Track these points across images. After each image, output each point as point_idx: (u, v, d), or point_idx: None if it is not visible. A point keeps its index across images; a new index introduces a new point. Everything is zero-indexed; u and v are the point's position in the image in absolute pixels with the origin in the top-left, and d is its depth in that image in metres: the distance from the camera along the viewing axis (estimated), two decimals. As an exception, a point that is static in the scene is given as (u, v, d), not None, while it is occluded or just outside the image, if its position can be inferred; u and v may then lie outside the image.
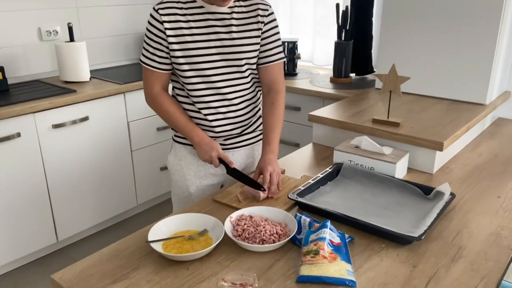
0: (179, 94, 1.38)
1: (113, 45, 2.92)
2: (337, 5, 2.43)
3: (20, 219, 2.15)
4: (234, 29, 1.28)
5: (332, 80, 2.53)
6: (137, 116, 2.55)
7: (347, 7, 2.45)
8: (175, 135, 1.46)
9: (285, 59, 1.41)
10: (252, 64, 1.34)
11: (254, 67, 1.36)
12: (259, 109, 1.49)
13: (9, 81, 2.43)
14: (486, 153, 1.63)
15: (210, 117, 1.35)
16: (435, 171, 1.47)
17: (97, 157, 2.41)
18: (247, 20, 1.31)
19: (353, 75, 2.62)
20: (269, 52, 1.36)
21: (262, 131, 1.50)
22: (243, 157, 1.47)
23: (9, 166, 2.06)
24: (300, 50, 2.87)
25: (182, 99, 1.38)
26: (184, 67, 1.28)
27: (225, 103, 1.35)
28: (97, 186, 2.45)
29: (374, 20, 2.55)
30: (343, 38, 2.47)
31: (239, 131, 1.42)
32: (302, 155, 1.62)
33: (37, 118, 2.11)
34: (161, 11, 1.24)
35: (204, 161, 1.32)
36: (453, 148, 1.58)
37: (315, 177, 1.34)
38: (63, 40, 2.59)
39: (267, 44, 1.35)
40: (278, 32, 1.37)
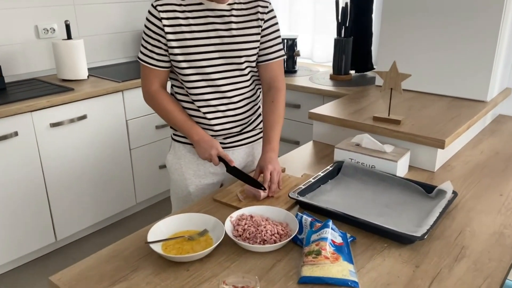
0: (177, 92, 1.37)
1: (111, 42, 2.89)
2: (337, 1, 2.41)
3: (18, 219, 2.14)
4: (234, 26, 1.27)
5: (332, 77, 2.51)
6: (136, 114, 2.53)
7: (346, 4, 2.43)
8: (174, 134, 1.45)
9: (285, 56, 1.39)
10: (251, 61, 1.32)
11: (253, 64, 1.34)
12: (259, 107, 1.47)
13: (6, 80, 2.41)
14: (487, 150, 1.62)
15: (209, 115, 1.34)
16: (436, 169, 1.46)
17: (96, 156, 2.39)
18: (247, 17, 1.29)
19: (353, 72, 2.60)
20: (269, 50, 1.34)
21: (262, 129, 1.49)
22: (243, 155, 1.46)
23: (6, 166, 2.04)
24: (299, 47, 2.85)
25: (181, 97, 1.36)
26: (183, 64, 1.27)
27: (224, 101, 1.33)
28: (95, 185, 2.43)
29: (374, 16, 2.53)
30: (342, 35, 2.46)
31: (238, 129, 1.40)
32: (302, 153, 1.61)
33: (34, 116, 2.10)
34: (159, 8, 1.23)
35: (204, 159, 1.31)
36: (455, 145, 1.57)
37: (315, 175, 1.33)
38: (60, 38, 2.57)
39: (267, 41, 1.33)
40: (278, 29, 1.35)
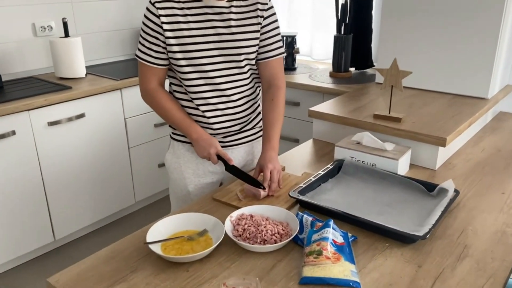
0: (176, 90, 1.35)
1: (109, 40, 2.87)
2: (336, -2, 2.40)
3: (16, 219, 2.12)
4: (233, 23, 1.25)
5: (331, 75, 2.50)
6: (134, 112, 2.51)
7: (346, 0, 2.41)
8: (173, 133, 1.43)
9: (285, 53, 1.37)
10: (251, 59, 1.31)
11: (253, 62, 1.33)
12: (259, 105, 1.46)
13: (3, 78, 2.39)
14: (488, 148, 1.61)
15: (209, 114, 1.32)
16: (437, 167, 1.45)
17: (94, 154, 2.38)
18: (246, 15, 1.27)
19: (352, 69, 2.59)
20: (269, 47, 1.32)
21: (261, 127, 1.47)
22: (243, 154, 1.45)
23: (4, 165, 2.02)
24: (298, 44, 2.84)
25: (179, 95, 1.35)
26: (182, 62, 1.25)
27: (223, 99, 1.31)
28: (94, 184, 2.42)
29: (374, 13, 2.52)
30: (342, 32, 2.44)
31: (238, 128, 1.39)
32: (302, 152, 1.60)
33: (32, 115, 2.08)
34: (157, 5, 1.21)
35: (202, 157, 1.29)
36: (456, 143, 1.56)
37: (316, 174, 1.31)
38: (58, 36, 2.55)
39: (266, 39, 1.31)
40: (278, 26, 1.33)
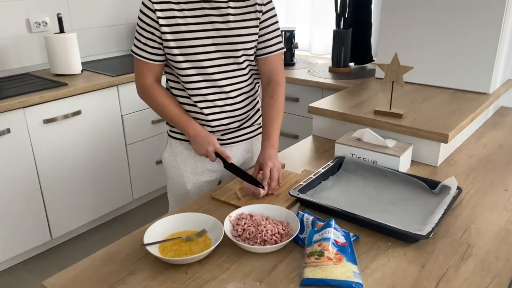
0: (173, 86, 1.32)
1: (105, 35, 2.83)
2: (335, -8, 2.36)
3: (12, 218, 2.10)
4: (231, 18, 1.22)
5: (331, 70, 2.47)
6: (131, 109, 2.48)
7: (345, -6, 2.38)
8: (171, 130, 1.41)
9: (284, 49, 1.34)
10: (250, 55, 1.28)
11: (251, 58, 1.30)
12: (258, 102, 1.43)
13: (-3, 75, 2.36)
14: (490, 143, 1.59)
15: (207, 111, 1.29)
16: (439, 163, 1.42)
17: (91, 152, 2.35)
18: (245, 9, 1.24)
19: (352, 64, 2.56)
20: (268, 43, 1.29)
21: (260, 125, 1.45)
22: (242, 152, 1.42)
23: (-1, 163, 2.00)
24: (297, 39, 2.80)
25: (177, 92, 1.32)
26: (179, 58, 1.22)
27: (222, 96, 1.29)
28: (91, 182, 2.39)
29: (373, 7, 2.49)
30: (341, 27, 2.41)
31: (236, 125, 1.36)
32: (302, 148, 1.57)
33: (27, 113, 2.05)
34: None
35: (200, 155, 1.27)
36: (457, 139, 1.54)
37: (316, 171, 1.29)
38: (52, 32, 2.51)
39: (266, 34, 1.28)
40: (277, 21, 1.30)
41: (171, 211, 1.24)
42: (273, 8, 1.30)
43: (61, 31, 2.36)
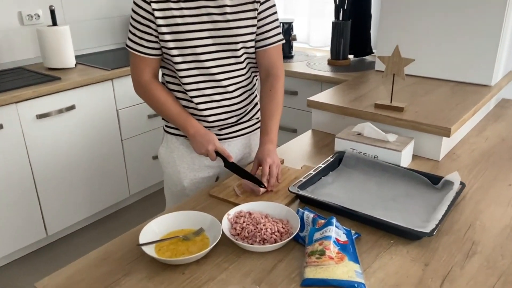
0: (169, 81, 1.29)
1: (99, 28, 2.78)
2: (334, -18, 2.31)
3: (6, 215, 2.06)
4: (228, 10, 1.18)
5: (330, 63, 2.43)
6: (127, 103, 2.44)
7: (344, -15, 2.33)
8: (166, 125, 1.37)
9: (283, 40, 1.30)
10: (248, 47, 1.24)
11: (251, 51, 1.26)
12: (256, 96, 1.40)
13: (-11, 69, 2.31)
14: (492, 137, 1.56)
15: (203, 106, 1.26)
16: (441, 157, 1.40)
17: (86, 147, 2.31)
18: (242, 0, 1.20)
19: (351, 56, 2.52)
20: (266, 34, 1.25)
21: (259, 119, 1.41)
22: (239, 147, 1.39)
23: (-8, 159, 1.96)
24: (295, 31, 2.76)
25: (172, 87, 1.28)
26: (174, 51, 1.18)
27: (219, 90, 1.25)
28: (87, 178, 2.35)
29: (373, -2, 2.44)
30: (340, 18, 2.36)
31: (234, 120, 1.33)
32: (301, 143, 1.54)
33: (20, 108, 2.00)
34: (147, -9, 1.13)
35: (200, 154, 1.24)
36: (459, 132, 1.51)
37: (316, 167, 1.26)
38: (45, 24, 2.45)
39: (264, 25, 1.24)
40: (276, 12, 1.26)
41: (167, 209, 1.21)
42: (271, -1, 1.26)
43: (54, 23, 2.31)
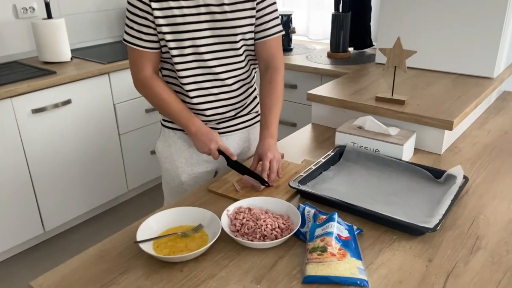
0: (165, 74, 1.26)
1: (94, 21, 2.73)
2: (334, -27, 2.28)
3: (3, 211, 2.04)
4: (226, 1, 1.15)
5: (329, 55, 2.40)
6: (124, 97, 2.40)
7: (344, -24, 2.30)
8: (164, 119, 1.34)
9: (283, 32, 1.27)
10: (247, 39, 1.21)
11: (249, 43, 1.23)
12: (254, 89, 1.37)
13: (-17, 63, 2.27)
14: (495, 130, 1.54)
15: (201, 99, 1.23)
16: (443, 151, 1.38)
17: (83, 142, 2.28)
18: (240, -9, 1.17)
19: (351, 49, 2.49)
20: (265, 25, 1.22)
21: (258, 113, 1.39)
22: (238, 141, 1.36)
23: (-12, 155, 1.93)
24: (294, 23, 2.72)
25: (169, 80, 1.25)
26: (172, 44, 1.15)
27: (217, 83, 1.22)
28: (84, 173, 2.33)
29: (373, -11, 2.40)
30: (340, 10, 2.33)
31: (232, 114, 1.30)
32: (301, 137, 1.52)
33: (15, 102, 1.97)
34: (143, -18, 1.10)
35: (202, 153, 1.21)
36: (461, 125, 1.49)
37: (316, 161, 1.24)
38: (40, 17, 2.41)
39: (263, 16, 1.21)
40: (275, 2, 1.23)
41: (166, 205, 1.19)
42: (269, -11, 1.22)
43: (49, 16, 2.27)
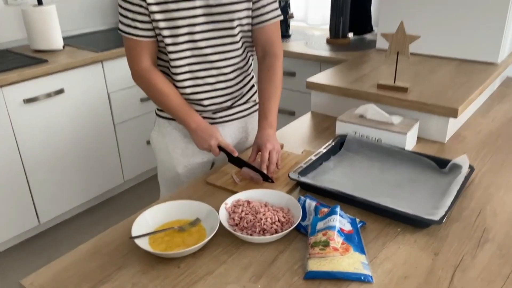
0: (159, 64, 1.21)
1: (87, 8, 2.66)
2: (333, -44, 2.21)
3: (-2, 203, 2.00)
4: (221, -16, 1.09)
5: (328, 42, 2.34)
6: (118, 86, 2.35)
7: (343, -41, 2.23)
8: (158, 109, 1.30)
9: (281, 17, 1.22)
10: (244, 25, 1.16)
11: (246, 28, 1.17)
12: (252, 77, 1.32)
13: (-27, 52, 2.20)
14: (499, 117, 1.50)
15: (197, 89, 1.18)
16: (447, 140, 1.34)
17: (77, 132, 2.23)
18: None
19: (350, 34, 2.43)
20: (263, 10, 1.17)
21: (256, 102, 1.34)
22: (235, 131, 1.32)
23: (-21, 147, 1.88)
24: (292, 9, 2.65)
25: (163, 69, 1.20)
26: (165, 32, 1.10)
27: (213, 72, 1.17)
28: (79, 164, 2.28)
29: (373, -27, 2.34)
30: (339, -6, 2.27)
31: (229, 103, 1.26)
32: (300, 126, 1.48)
33: (5, 92, 1.91)
34: (135, -34, 1.04)
35: (202, 149, 1.17)
36: (465, 113, 1.45)
37: (317, 152, 1.20)
38: (30, 4, 2.33)
39: (260, 0, 1.16)
40: (272, -15, 1.18)
41: (162, 198, 1.15)
42: (266, -29, 1.17)
43: (40, 3, 2.20)
